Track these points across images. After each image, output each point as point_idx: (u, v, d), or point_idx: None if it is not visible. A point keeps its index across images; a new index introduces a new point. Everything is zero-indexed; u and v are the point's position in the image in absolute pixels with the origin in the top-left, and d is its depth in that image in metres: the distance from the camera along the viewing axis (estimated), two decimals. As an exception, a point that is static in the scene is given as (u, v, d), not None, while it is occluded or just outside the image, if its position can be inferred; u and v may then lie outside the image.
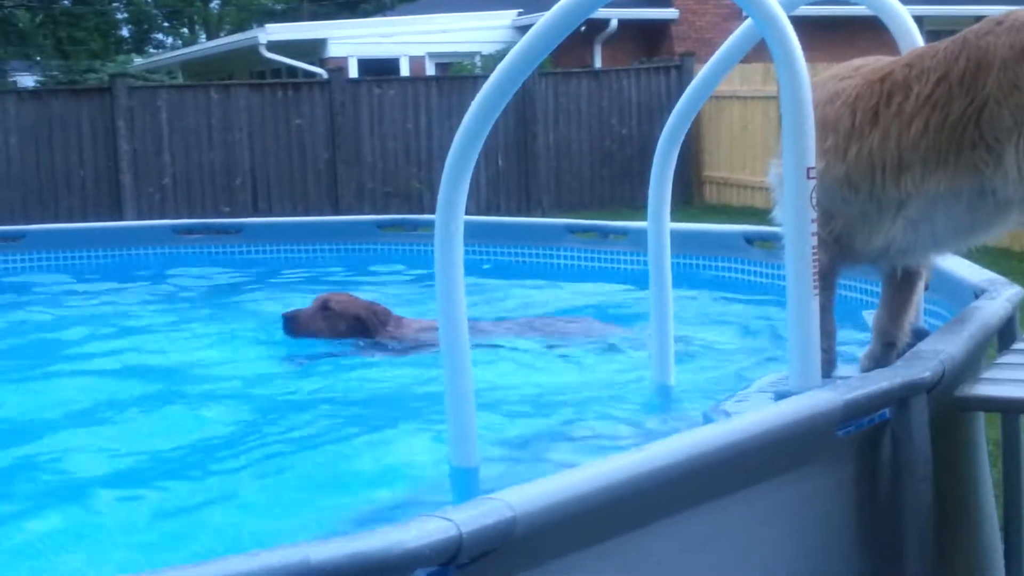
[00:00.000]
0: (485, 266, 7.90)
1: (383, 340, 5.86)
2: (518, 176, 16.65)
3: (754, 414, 2.79)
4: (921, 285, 3.80)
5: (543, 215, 15.52)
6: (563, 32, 3.34)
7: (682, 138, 4.41)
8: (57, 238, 8.70)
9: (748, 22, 3.73)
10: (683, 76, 16.43)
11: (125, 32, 25.41)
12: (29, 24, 21.10)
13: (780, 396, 3.15)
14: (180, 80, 22.87)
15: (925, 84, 3.20)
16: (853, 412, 2.79)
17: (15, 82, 21.47)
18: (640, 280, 6.70)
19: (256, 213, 15.30)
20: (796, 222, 3.14)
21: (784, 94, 3.15)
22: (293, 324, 5.84)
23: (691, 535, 2.64)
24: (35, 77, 22.85)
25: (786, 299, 3.22)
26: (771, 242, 6.76)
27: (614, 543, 2.49)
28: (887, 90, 3.28)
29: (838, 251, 3.44)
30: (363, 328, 5.86)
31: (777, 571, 2.81)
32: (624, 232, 7.73)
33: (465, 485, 3.53)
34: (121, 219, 14.59)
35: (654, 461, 2.51)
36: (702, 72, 4.24)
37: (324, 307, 5.89)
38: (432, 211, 3.52)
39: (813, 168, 3.13)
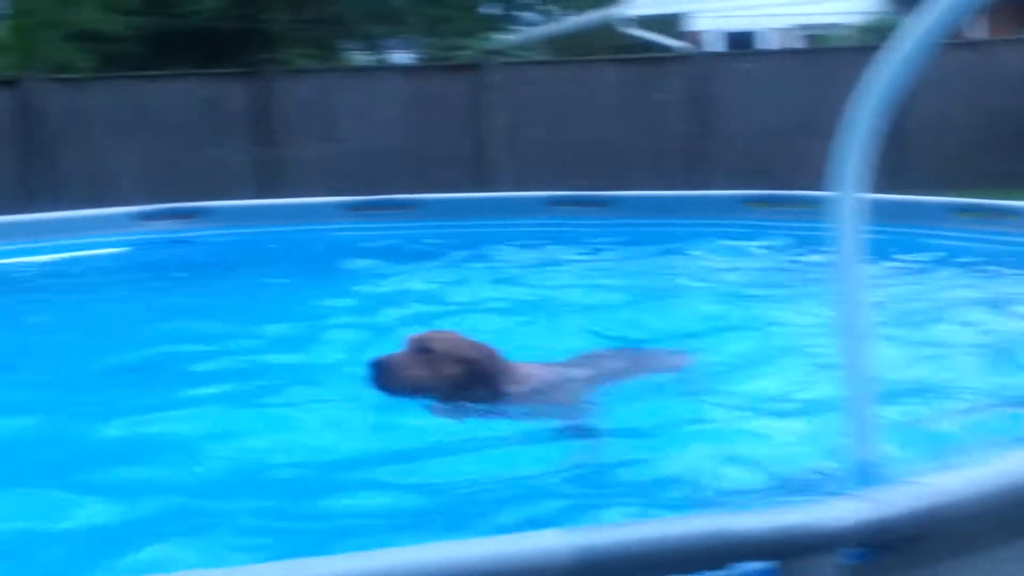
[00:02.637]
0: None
1: (504, 395, 4.27)
2: (887, 151, 15.92)
3: None
4: None
5: (915, 193, 14.83)
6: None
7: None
8: (444, 208, 9.13)
9: None
10: (1072, 45, 15.28)
11: (493, 10, 26.26)
12: (403, 3, 22.17)
13: None
14: (544, 56, 23.44)
15: None
16: None
17: (390, 60, 22.68)
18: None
19: (617, 187, 15.47)
20: None
21: None
22: (386, 375, 4.17)
23: None
24: (409, 55, 24.04)
25: None
26: None
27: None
28: None
29: None
30: (480, 377, 4.25)
31: None
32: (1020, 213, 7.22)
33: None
34: (487, 191, 15.14)
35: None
36: None
37: (423, 349, 4.28)
38: (792, 188, 3.38)
39: None
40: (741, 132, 16.14)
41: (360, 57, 24.04)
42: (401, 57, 24.62)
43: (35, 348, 5.69)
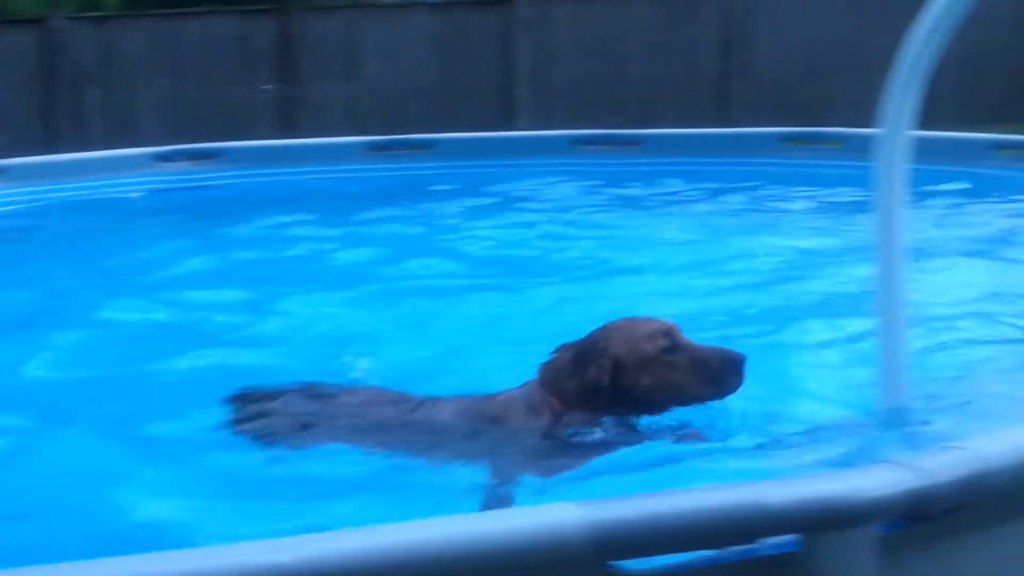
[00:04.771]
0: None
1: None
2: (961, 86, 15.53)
3: None
4: None
5: (948, 129, 14.51)
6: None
7: None
8: (461, 147, 8.93)
9: None
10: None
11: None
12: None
13: None
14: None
15: None
16: None
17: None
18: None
19: (645, 125, 15.21)
20: None
21: None
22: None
23: None
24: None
25: None
26: None
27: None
28: None
29: None
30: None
31: None
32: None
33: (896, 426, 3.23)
34: (514, 129, 14.93)
35: None
36: None
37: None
38: (828, 125, 3.21)
39: None
40: (776, 68, 15.81)
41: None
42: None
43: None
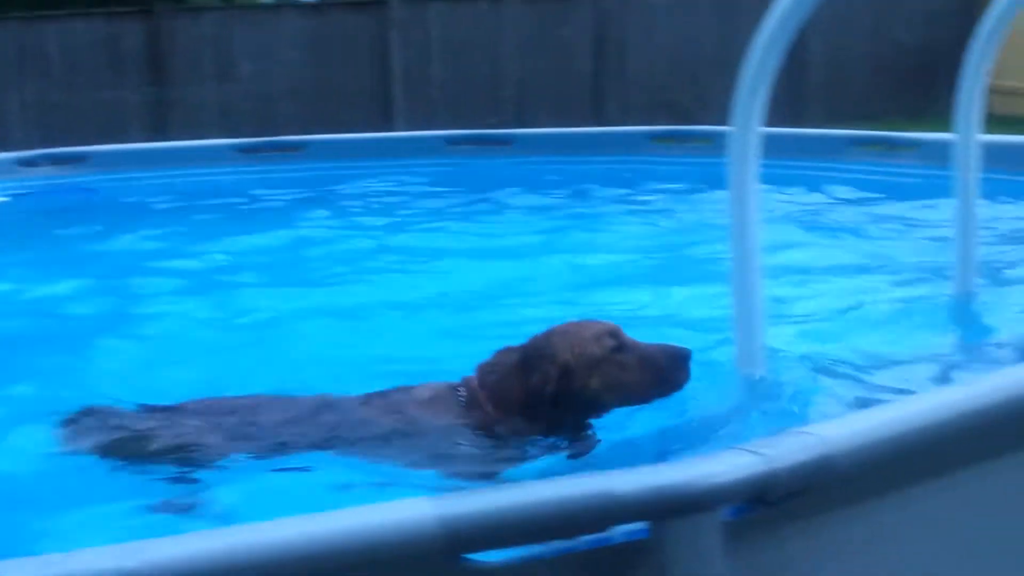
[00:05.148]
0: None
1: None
2: (787, 86, 15.96)
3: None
4: None
5: (814, 127, 14.90)
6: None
7: (996, 43, 4.04)
8: (337, 148, 8.89)
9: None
10: (973, -22, 15.38)
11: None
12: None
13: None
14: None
15: None
16: None
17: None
18: (933, 195, 6.30)
19: (521, 125, 15.33)
20: None
21: None
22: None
23: (1013, 484, 2.40)
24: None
25: None
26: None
27: (932, 486, 2.28)
28: None
29: None
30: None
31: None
32: (916, 144, 7.26)
33: (751, 395, 3.33)
34: (391, 130, 14.88)
35: (983, 398, 2.27)
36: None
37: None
38: (700, 124, 3.31)
39: None
40: (646, 69, 16.03)
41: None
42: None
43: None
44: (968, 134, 4.09)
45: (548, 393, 3.13)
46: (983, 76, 4.02)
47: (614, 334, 3.23)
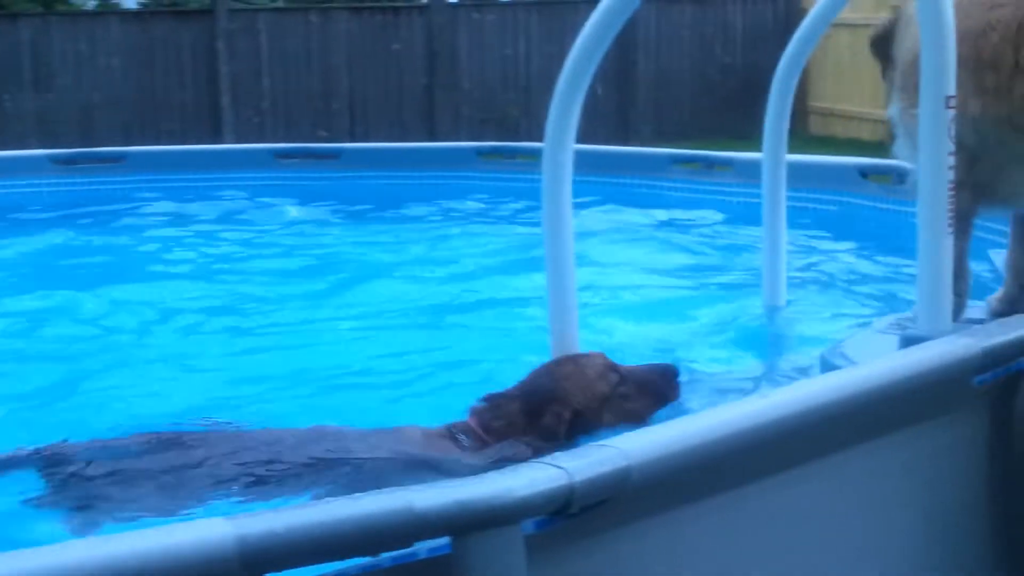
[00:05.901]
0: (587, 197, 7.71)
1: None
2: (617, 105, 16.33)
3: (884, 361, 2.62)
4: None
5: (642, 145, 15.22)
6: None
7: (802, 66, 4.22)
8: (159, 160, 8.69)
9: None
10: (791, 4, 15.93)
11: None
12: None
13: (908, 340, 2.96)
14: (280, 3, 22.84)
15: None
16: (992, 360, 2.61)
17: (118, 3, 21.51)
18: (746, 213, 6.52)
19: (353, 138, 15.23)
20: (932, 157, 2.93)
21: (923, 18, 2.92)
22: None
23: (812, 489, 2.49)
24: (138, -1, 22.88)
25: (908, 235, 3.03)
26: (887, 176, 6.51)
27: (730, 495, 2.36)
28: None
29: (981, 194, 3.22)
30: None
31: (902, 527, 2.65)
32: (730, 163, 7.49)
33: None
34: (219, 142, 14.62)
35: (775, 410, 2.36)
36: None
37: None
38: (529, 139, 3.37)
39: (953, 98, 2.91)
40: (478, 84, 16.14)
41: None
42: (129, 2, 23.45)
43: None
44: (776, 153, 4.24)
45: (560, 435, 3.22)
46: (790, 97, 4.17)
47: (614, 368, 3.37)
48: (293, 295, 5.52)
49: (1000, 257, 3.70)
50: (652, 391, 3.37)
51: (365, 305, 5.22)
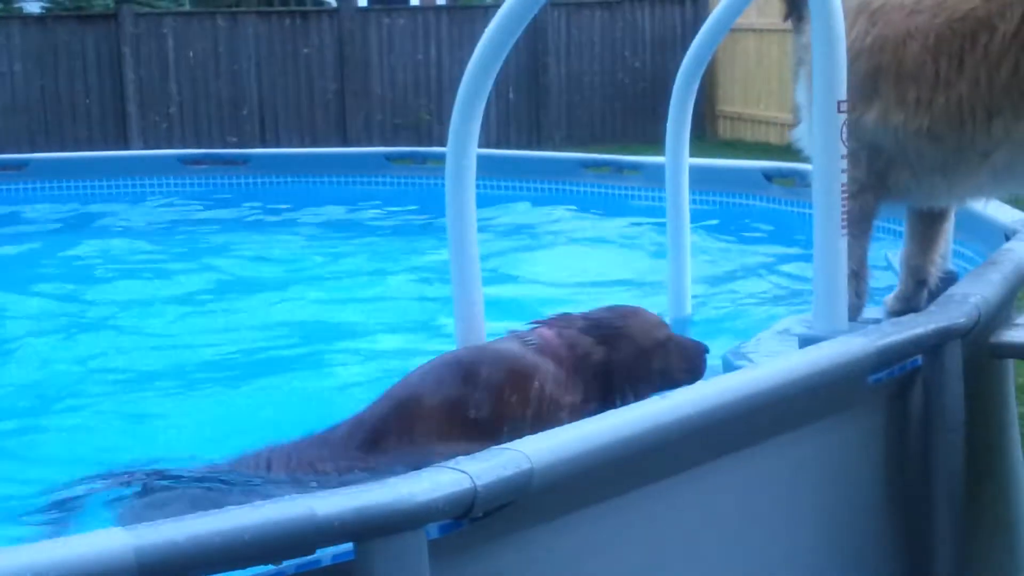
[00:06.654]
0: (498, 201, 7.75)
1: None
2: (528, 110, 16.40)
3: (780, 361, 2.67)
4: (952, 216, 3.65)
5: (555, 149, 15.30)
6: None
7: (702, 72, 4.27)
8: (61, 167, 8.55)
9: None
10: (699, 8, 16.12)
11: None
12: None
13: (805, 341, 3.02)
14: (187, 7, 22.54)
15: (1010, 21, 3.02)
16: (886, 359, 2.67)
17: (21, 7, 21.09)
18: (654, 215, 6.59)
19: (263, 144, 15.10)
20: (825, 158, 2.99)
21: (816, 24, 2.98)
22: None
23: (713, 487, 2.54)
24: (40, 3, 22.50)
25: (812, 237, 3.09)
26: (791, 179, 6.63)
27: (633, 496, 2.39)
28: (969, 30, 3.08)
29: (891, 196, 3.29)
30: None
31: (803, 524, 2.70)
32: (638, 167, 7.58)
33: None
34: (127, 148, 14.41)
35: (676, 411, 2.38)
36: (722, 3, 4.07)
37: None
38: (442, 143, 3.39)
39: (844, 102, 2.98)
40: (389, 88, 16.10)
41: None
42: (32, 6, 23.01)
43: None
44: (678, 158, 4.29)
45: (612, 365, 3.32)
46: (691, 102, 4.23)
47: (665, 323, 3.52)
48: (170, 299, 5.52)
49: (897, 256, 3.78)
50: (687, 358, 3.46)
51: (246, 312, 5.23)
